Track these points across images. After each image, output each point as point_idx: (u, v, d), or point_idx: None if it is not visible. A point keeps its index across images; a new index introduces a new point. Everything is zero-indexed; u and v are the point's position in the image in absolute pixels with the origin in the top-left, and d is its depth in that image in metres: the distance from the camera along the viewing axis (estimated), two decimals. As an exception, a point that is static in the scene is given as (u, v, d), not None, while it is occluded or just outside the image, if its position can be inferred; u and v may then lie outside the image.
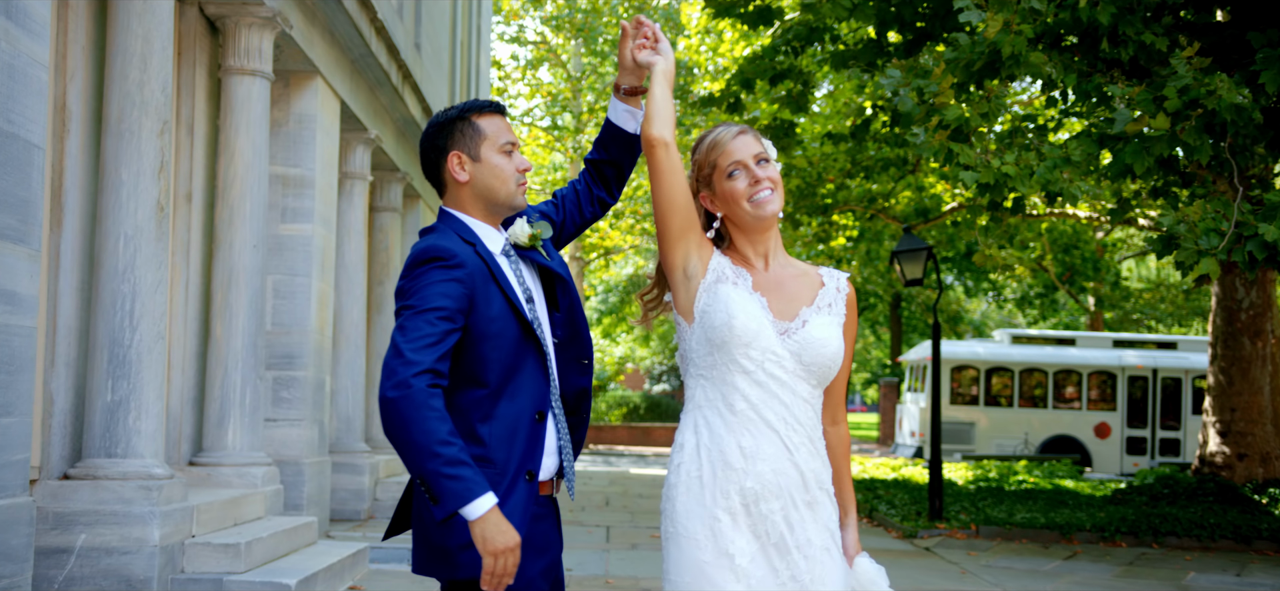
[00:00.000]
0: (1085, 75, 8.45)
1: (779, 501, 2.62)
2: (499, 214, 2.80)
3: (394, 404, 2.45)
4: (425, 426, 2.44)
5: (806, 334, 2.72)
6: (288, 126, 8.85)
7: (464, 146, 2.76)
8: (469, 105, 2.81)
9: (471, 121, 2.78)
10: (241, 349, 7.46)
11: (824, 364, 2.70)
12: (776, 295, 2.77)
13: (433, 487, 2.45)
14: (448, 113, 2.80)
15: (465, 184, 2.77)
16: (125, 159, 5.82)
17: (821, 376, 2.72)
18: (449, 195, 2.82)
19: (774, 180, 2.78)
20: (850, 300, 2.81)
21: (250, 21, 7.47)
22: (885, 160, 14.23)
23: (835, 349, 2.71)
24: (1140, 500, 13.52)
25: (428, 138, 2.81)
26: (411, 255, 2.65)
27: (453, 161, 2.76)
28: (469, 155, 2.76)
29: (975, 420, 23.77)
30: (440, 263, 2.60)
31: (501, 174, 2.77)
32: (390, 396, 2.45)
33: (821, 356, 2.70)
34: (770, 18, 9.21)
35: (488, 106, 2.82)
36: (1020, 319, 41.02)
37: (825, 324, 2.72)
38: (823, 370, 2.71)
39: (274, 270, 8.77)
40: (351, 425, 10.82)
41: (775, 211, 2.77)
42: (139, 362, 5.82)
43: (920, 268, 12.34)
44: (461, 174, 2.76)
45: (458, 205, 2.79)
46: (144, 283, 5.85)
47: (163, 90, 5.94)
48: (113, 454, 5.77)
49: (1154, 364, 23.94)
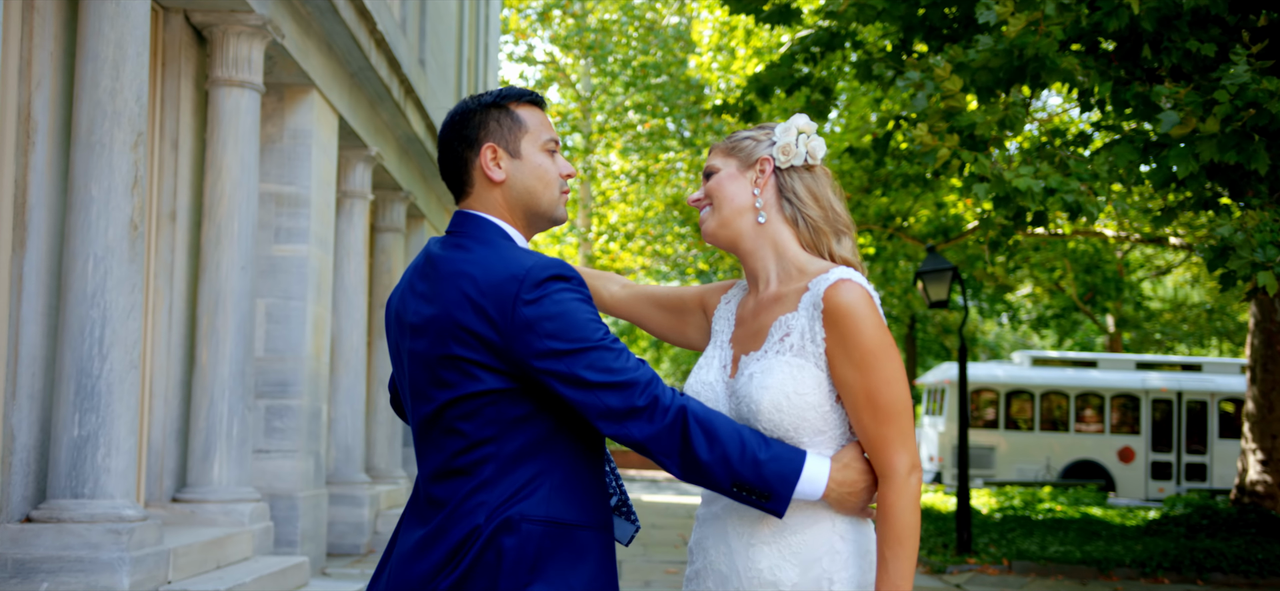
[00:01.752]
0: (1123, 83, 7.94)
1: None
2: (535, 227, 2.30)
3: (666, 435, 2.10)
4: (714, 435, 2.09)
5: (738, 383, 2.20)
6: (281, 142, 8.39)
7: (500, 139, 2.26)
8: (506, 92, 2.30)
9: (510, 111, 2.28)
10: (228, 377, 6.99)
11: (765, 416, 2.13)
12: (748, 331, 2.28)
13: (758, 487, 2.12)
14: (480, 98, 2.29)
15: (499, 185, 2.26)
16: (95, 173, 5.36)
17: (773, 434, 2.14)
18: (475, 198, 2.28)
19: (709, 194, 2.31)
20: (838, 312, 2.12)
21: (239, 30, 7.03)
22: (904, 176, 13.74)
23: (776, 393, 2.12)
24: (1177, 531, 12.95)
25: (453, 127, 2.29)
26: (526, 277, 2.12)
27: (486, 156, 2.25)
28: (506, 150, 2.26)
29: (995, 444, 23.21)
30: (568, 284, 2.16)
31: (546, 176, 2.28)
32: (656, 430, 2.09)
33: (758, 406, 2.13)
34: (790, 17, 8.75)
35: (527, 95, 2.32)
36: (1035, 340, 40.37)
37: (768, 367, 2.15)
38: (766, 427, 2.14)
39: (267, 293, 8.30)
40: (351, 455, 10.33)
41: (710, 231, 2.31)
42: (109, 394, 5.34)
43: (945, 289, 11.84)
44: (496, 171, 2.25)
45: (489, 210, 2.27)
46: (115, 307, 5.38)
47: (137, 99, 5.48)
48: (79, 494, 5.29)
49: (1178, 386, 23.37)
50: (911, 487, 2.11)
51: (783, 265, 2.27)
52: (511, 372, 2.13)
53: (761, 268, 2.29)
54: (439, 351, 2.16)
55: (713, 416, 2.09)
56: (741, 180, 2.30)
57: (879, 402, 2.11)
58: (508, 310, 2.11)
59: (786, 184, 2.29)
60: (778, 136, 2.33)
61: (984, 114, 7.16)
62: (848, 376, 2.12)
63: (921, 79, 7.66)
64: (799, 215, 2.29)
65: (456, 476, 2.16)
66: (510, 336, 2.11)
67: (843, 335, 2.11)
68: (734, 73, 18.98)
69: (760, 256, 2.28)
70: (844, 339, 2.11)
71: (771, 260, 2.28)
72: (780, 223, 2.29)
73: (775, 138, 2.33)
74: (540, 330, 2.10)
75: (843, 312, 2.11)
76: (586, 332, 2.10)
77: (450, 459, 2.17)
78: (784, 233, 2.28)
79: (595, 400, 2.08)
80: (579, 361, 2.08)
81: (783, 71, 9.23)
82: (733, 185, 2.30)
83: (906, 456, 2.12)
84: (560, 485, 2.17)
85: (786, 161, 2.30)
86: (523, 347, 2.11)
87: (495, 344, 2.13)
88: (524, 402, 2.15)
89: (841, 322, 2.11)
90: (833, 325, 2.12)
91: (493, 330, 2.11)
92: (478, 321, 2.13)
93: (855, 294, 2.13)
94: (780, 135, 2.33)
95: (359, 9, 8.51)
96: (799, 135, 2.32)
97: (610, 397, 2.07)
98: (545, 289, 2.10)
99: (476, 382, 2.14)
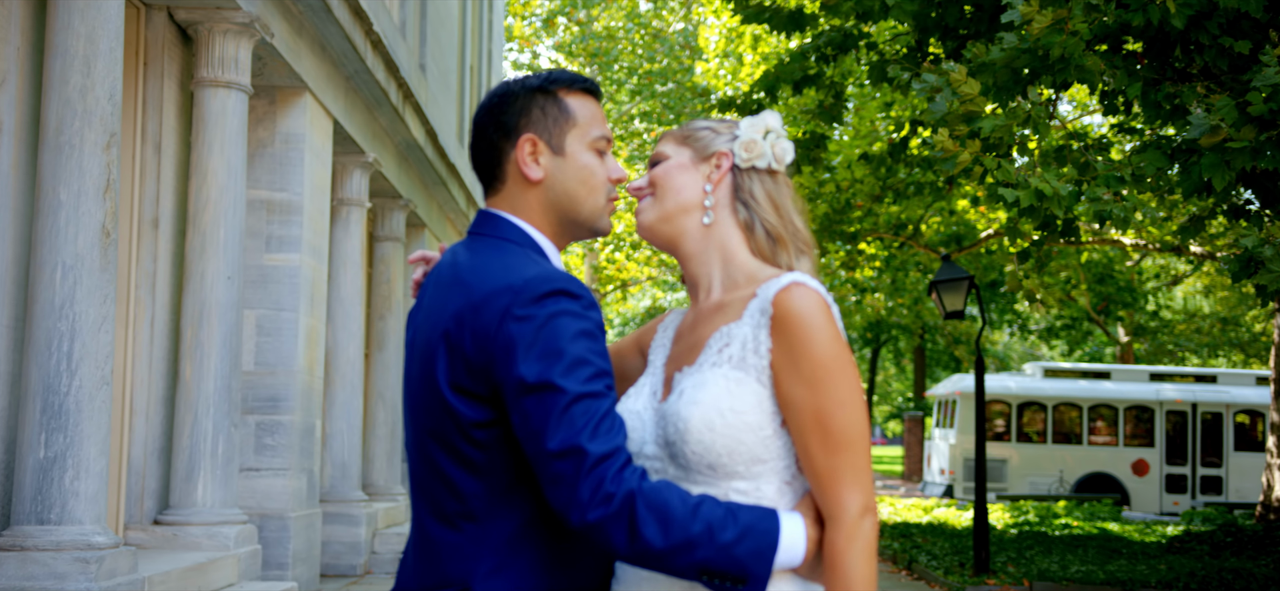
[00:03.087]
0: (1153, 84, 7.57)
1: None
2: (571, 237, 1.97)
3: (612, 524, 1.72)
4: (668, 519, 1.72)
5: (668, 404, 1.87)
6: (273, 147, 8.05)
7: (543, 130, 1.93)
8: (555, 75, 1.97)
9: (558, 98, 1.94)
10: (213, 392, 6.64)
11: (694, 437, 1.80)
12: (685, 346, 1.95)
13: (731, 571, 1.75)
14: (524, 81, 1.97)
15: (536, 184, 1.93)
16: (64, 176, 5.02)
17: (702, 460, 1.80)
18: (506, 195, 1.96)
19: (653, 182, 2.00)
20: (789, 318, 1.81)
21: (225, 28, 6.69)
22: (918, 183, 13.38)
23: (708, 409, 1.79)
24: (1201, 549, 12.56)
25: (490, 110, 1.96)
26: (523, 288, 1.79)
27: (524, 149, 1.92)
28: (548, 144, 1.93)
29: (1007, 457, 22.83)
30: (575, 303, 1.80)
31: (591, 179, 1.95)
32: (594, 519, 1.71)
33: (687, 425, 1.80)
34: (802, 23, 8.40)
35: (580, 82, 1.98)
36: (1044, 351, 39.96)
37: (701, 380, 1.83)
38: (695, 452, 1.80)
39: (257, 304, 7.95)
40: (347, 472, 9.97)
41: (647, 224, 1.99)
42: (78, 412, 4.99)
43: (961, 299, 11.46)
44: (534, 168, 1.92)
45: (519, 212, 1.94)
46: (85, 319, 5.03)
47: (110, 97, 5.14)
48: (45, 520, 4.93)
49: (1193, 398, 22.99)
50: (864, 532, 1.77)
51: (729, 272, 1.96)
52: (491, 400, 1.79)
53: (704, 274, 1.98)
54: (422, 372, 1.85)
55: (663, 494, 1.73)
56: (692, 172, 2.00)
57: (830, 427, 1.78)
58: (492, 326, 1.76)
59: (744, 185, 2.00)
60: (742, 132, 2.03)
61: (1006, 117, 6.79)
62: (796, 394, 1.79)
63: (938, 83, 7.31)
64: (755, 220, 1.98)
65: (441, 522, 1.86)
66: (491, 356, 1.76)
67: (792, 345, 1.79)
68: (741, 79, 18.65)
69: (704, 261, 1.98)
70: (793, 349, 1.79)
71: (716, 266, 1.97)
72: (731, 226, 1.99)
73: (739, 133, 2.03)
74: (522, 351, 1.74)
75: (794, 319, 1.79)
76: (568, 363, 1.73)
77: (434, 501, 1.87)
78: (734, 237, 1.98)
79: (536, 451, 1.73)
80: (542, 398, 1.72)
81: (793, 68, 8.88)
82: (682, 176, 2.00)
83: (859, 495, 1.78)
84: (549, 553, 1.81)
85: (748, 160, 2.00)
86: (502, 372, 1.76)
87: (475, 365, 1.78)
88: (507, 441, 1.81)
89: (792, 330, 1.79)
90: (782, 333, 1.80)
91: (476, 348, 1.78)
92: (460, 335, 1.79)
93: (810, 298, 1.81)
94: (745, 130, 2.02)
95: (354, 9, 8.17)
96: (767, 133, 2.02)
97: (559, 451, 1.72)
98: (543, 305, 1.76)
99: (453, 413, 1.81)
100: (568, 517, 1.71)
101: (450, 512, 1.83)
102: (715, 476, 1.82)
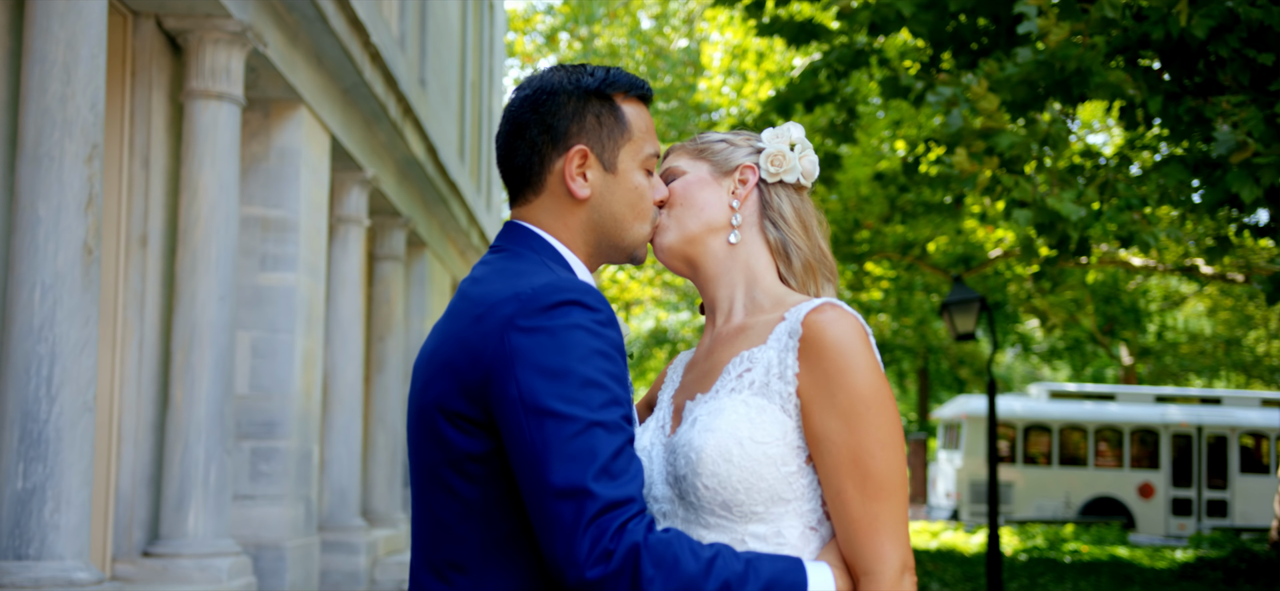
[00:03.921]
0: (1174, 97, 7.31)
1: None
2: (607, 261, 1.71)
3: (613, 585, 1.46)
4: (679, 578, 1.45)
5: (678, 435, 1.63)
6: (267, 162, 7.78)
7: (596, 142, 1.66)
8: (615, 77, 1.69)
9: (615, 106, 1.68)
10: (205, 418, 6.35)
11: (707, 471, 1.56)
12: (698, 374, 1.73)
13: None
14: (576, 78, 1.67)
15: (582, 203, 1.66)
16: (43, 191, 4.74)
17: (716, 497, 1.56)
18: (540, 207, 1.68)
19: (673, 197, 1.77)
20: (822, 342, 1.60)
21: (216, 37, 6.43)
22: (927, 204, 13.13)
23: (724, 437, 1.56)
24: (1214, 576, 12.30)
25: (535, 106, 1.66)
26: (532, 297, 1.52)
27: (573, 162, 1.65)
28: (601, 160, 1.66)
29: (1012, 480, 22.57)
30: (592, 316, 1.53)
31: (640, 203, 1.69)
32: (593, 578, 1.45)
33: (700, 456, 1.56)
34: (817, 35, 8.15)
35: (637, 87, 1.70)
36: (1046, 372, 39.70)
37: (718, 407, 1.59)
38: (708, 487, 1.56)
39: (252, 325, 7.67)
40: (346, 498, 9.67)
41: (668, 244, 1.75)
42: (58, 440, 4.70)
43: (972, 320, 11.23)
44: (581, 185, 1.65)
45: (553, 228, 1.66)
46: (66, 342, 4.74)
47: (92, 107, 4.87)
48: (23, 555, 4.64)
49: (1198, 420, 22.77)
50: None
51: (753, 294, 1.74)
52: (488, 427, 1.51)
53: (725, 296, 1.76)
54: (419, 401, 1.59)
55: (673, 547, 1.46)
56: (715, 188, 1.79)
57: (870, 470, 1.55)
58: (493, 338, 1.49)
59: (772, 201, 1.79)
60: (767, 144, 1.80)
61: (1023, 133, 6.54)
62: (829, 429, 1.57)
63: (954, 96, 7.05)
64: (788, 244, 1.76)
65: (432, 573, 1.59)
66: (488, 373, 1.48)
67: (827, 373, 1.58)
68: (745, 96, 18.45)
69: (726, 282, 1.76)
70: (828, 377, 1.58)
71: (740, 287, 1.75)
72: (759, 245, 1.77)
73: (762, 144, 1.81)
74: (523, 367, 1.46)
75: (828, 344, 1.58)
76: (578, 384, 1.45)
77: (427, 547, 1.61)
78: (762, 258, 1.77)
79: (532, 487, 1.46)
80: (543, 424, 1.45)
81: (804, 87, 8.64)
82: (704, 192, 1.78)
83: (898, 549, 1.55)
84: None
85: (775, 174, 1.78)
86: (499, 391, 1.47)
87: (470, 385, 1.50)
88: (505, 479, 1.53)
89: (826, 356, 1.58)
90: (814, 358, 1.59)
91: (471, 364, 1.50)
92: (457, 354, 1.52)
93: (846, 323, 1.60)
94: (770, 142, 1.80)
95: (351, 19, 7.92)
96: (794, 145, 1.80)
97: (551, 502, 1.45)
98: (553, 316, 1.48)
99: (446, 443, 1.54)
100: (562, 574, 1.44)
101: (440, 562, 1.57)
102: (730, 517, 1.58)
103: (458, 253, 14.84)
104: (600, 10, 23.30)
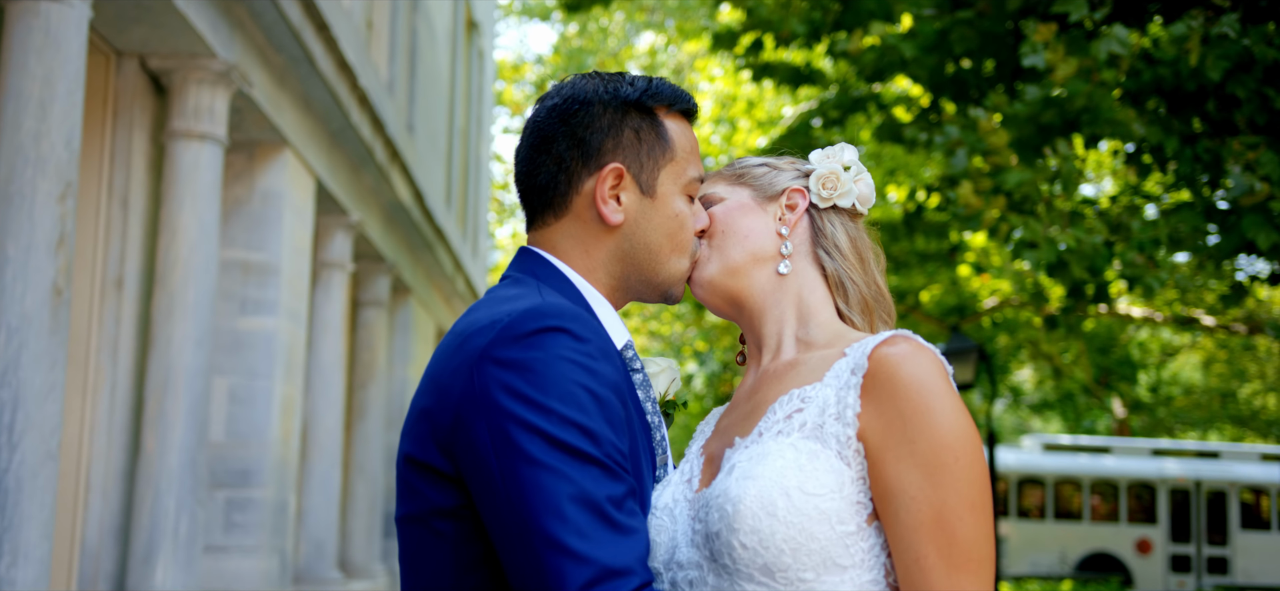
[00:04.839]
0: (1188, 139, 7.18)
1: None
2: (636, 298, 1.48)
3: None
4: None
5: (713, 487, 1.38)
6: (250, 204, 7.62)
7: (634, 161, 1.45)
8: (658, 88, 1.48)
9: (657, 121, 1.47)
10: (177, 467, 6.14)
11: (746, 527, 1.30)
12: (737, 417, 1.50)
13: None
14: (613, 87, 1.47)
15: (614, 229, 1.45)
16: (12, 229, 4.56)
17: (756, 558, 1.30)
18: (561, 231, 1.47)
19: (715, 226, 1.54)
20: (895, 378, 1.37)
21: (200, 77, 6.29)
22: (922, 254, 13.00)
23: (768, 487, 1.31)
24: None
25: (564, 118, 1.45)
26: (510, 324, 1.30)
27: (607, 183, 1.44)
28: (638, 180, 1.45)
29: (1007, 535, 22.30)
30: (577, 346, 1.31)
31: (680, 233, 1.49)
32: None
33: (737, 509, 1.32)
34: (813, 80, 8.05)
35: (682, 101, 1.50)
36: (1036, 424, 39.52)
37: (761, 452, 1.35)
38: (746, 545, 1.30)
39: (229, 370, 7.46)
40: (323, 550, 9.41)
41: (709, 278, 1.52)
42: (18, 491, 4.49)
43: (971, 370, 11.07)
44: (613, 210, 1.44)
45: (573, 256, 1.44)
46: (30, 387, 4.55)
47: (67, 145, 4.70)
48: (-23, 612, 4.42)
49: (1197, 475, 22.55)
50: None
51: (806, 329, 1.52)
52: (457, 479, 1.30)
53: (773, 332, 1.54)
54: (399, 449, 1.41)
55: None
56: (760, 215, 1.58)
57: (956, 535, 1.31)
58: (464, 374, 1.27)
59: (825, 229, 1.58)
60: (817, 165, 1.60)
61: (1033, 172, 6.41)
62: (906, 482, 1.32)
63: (961, 135, 6.92)
64: (845, 279, 1.55)
65: None
66: (458, 414, 1.27)
67: (903, 414, 1.34)
68: (735, 144, 18.40)
69: (774, 316, 1.54)
70: (905, 420, 1.34)
71: (790, 322, 1.54)
72: (812, 275, 1.56)
73: (810, 167, 1.61)
74: (499, 404, 1.24)
75: (905, 381, 1.35)
76: (560, 423, 1.23)
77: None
78: (817, 289, 1.55)
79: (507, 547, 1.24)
80: (518, 473, 1.22)
81: (799, 134, 8.54)
82: (747, 219, 1.57)
83: None
84: None
85: (828, 199, 1.58)
86: (469, 434, 1.26)
87: (440, 427, 1.30)
88: (478, 541, 1.32)
89: (902, 395, 1.35)
90: (885, 397, 1.35)
91: (442, 405, 1.29)
92: (432, 396, 1.32)
93: (926, 358, 1.38)
94: (821, 163, 1.60)
95: (339, 62, 7.79)
96: (847, 168, 1.60)
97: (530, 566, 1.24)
98: (532, 345, 1.26)
99: (417, 494, 1.33)
100: None
101: None
102: (772, 583, 1.33)
103: (443, 299, 14.65)
104: (590, 60, 23.31)
